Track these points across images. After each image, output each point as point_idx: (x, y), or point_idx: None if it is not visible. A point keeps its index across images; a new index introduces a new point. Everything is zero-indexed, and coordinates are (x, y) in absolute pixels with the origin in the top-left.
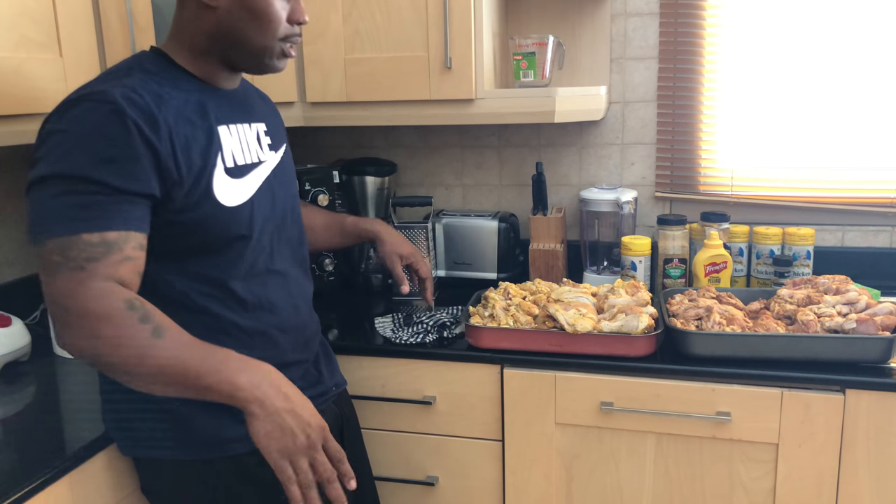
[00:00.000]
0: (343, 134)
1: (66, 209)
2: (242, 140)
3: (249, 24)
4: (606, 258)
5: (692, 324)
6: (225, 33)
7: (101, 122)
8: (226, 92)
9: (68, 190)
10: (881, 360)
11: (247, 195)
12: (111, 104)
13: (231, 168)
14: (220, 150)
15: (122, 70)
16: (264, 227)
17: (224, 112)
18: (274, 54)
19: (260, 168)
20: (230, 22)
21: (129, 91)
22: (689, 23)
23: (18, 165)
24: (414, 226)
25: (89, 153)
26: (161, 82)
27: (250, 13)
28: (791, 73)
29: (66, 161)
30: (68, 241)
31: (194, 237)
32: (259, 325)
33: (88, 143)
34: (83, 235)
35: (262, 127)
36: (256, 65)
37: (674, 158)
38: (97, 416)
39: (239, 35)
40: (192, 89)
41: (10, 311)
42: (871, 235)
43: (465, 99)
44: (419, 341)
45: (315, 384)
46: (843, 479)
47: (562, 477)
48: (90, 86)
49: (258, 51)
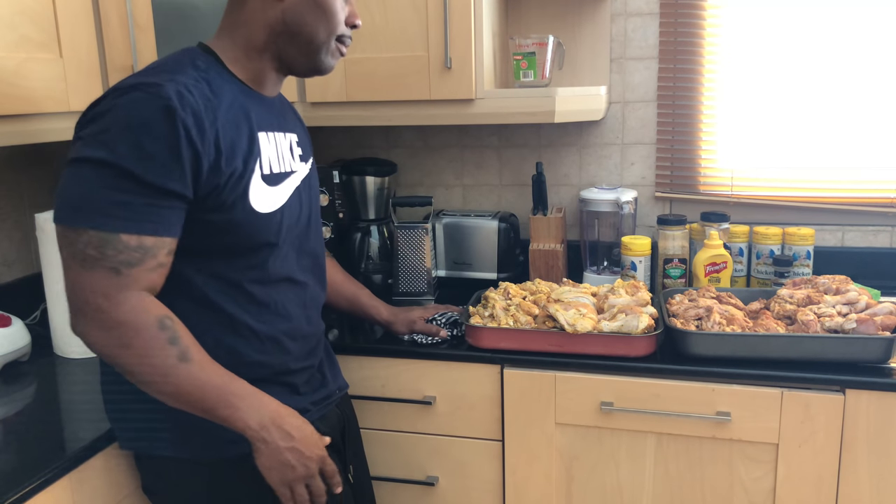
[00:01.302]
0: (343, 134)
1: (107, 203)
2: (279, 148)
3: (315, 18)
4: (606, 258)
5: (692, 324)
6: (290, 27)
7: (151, 117)
8: (267, 99)
9: (110, 182)
10: (881, 360)
11: (279, 203)
12: (164, 100)
13: (267, 175)
14: (259, 157)
15: (172, 64)
16: (288, 236)
17: (264, 118)
18: (330, 51)
19: (292, 177)
20: (297, 14)
21: (183, 89)
22: (689, 23)
23: (18, 165)
24: (414, 226)
25: (134, 145)
26: (210, 81)
27: (318, 7)
28: (791, 73)
29: (109, 148)
30: (107, 237)
31: (223, 239)
32: (271, 330)
33: (135, 135)
34: (122, 235)
35: (294, 137)
36: (311, 62)
37: (674, 158)
38: (97, 416)
39: (303, 28)
40: (237, 92)
41: (10, 311)
42: (871, 235)
43: (465, 99)
44: (434, 342)
45: (319, 388)
46: (843, 479)
47: (562, 477)
48: (143, 75)
49: (317, 46)
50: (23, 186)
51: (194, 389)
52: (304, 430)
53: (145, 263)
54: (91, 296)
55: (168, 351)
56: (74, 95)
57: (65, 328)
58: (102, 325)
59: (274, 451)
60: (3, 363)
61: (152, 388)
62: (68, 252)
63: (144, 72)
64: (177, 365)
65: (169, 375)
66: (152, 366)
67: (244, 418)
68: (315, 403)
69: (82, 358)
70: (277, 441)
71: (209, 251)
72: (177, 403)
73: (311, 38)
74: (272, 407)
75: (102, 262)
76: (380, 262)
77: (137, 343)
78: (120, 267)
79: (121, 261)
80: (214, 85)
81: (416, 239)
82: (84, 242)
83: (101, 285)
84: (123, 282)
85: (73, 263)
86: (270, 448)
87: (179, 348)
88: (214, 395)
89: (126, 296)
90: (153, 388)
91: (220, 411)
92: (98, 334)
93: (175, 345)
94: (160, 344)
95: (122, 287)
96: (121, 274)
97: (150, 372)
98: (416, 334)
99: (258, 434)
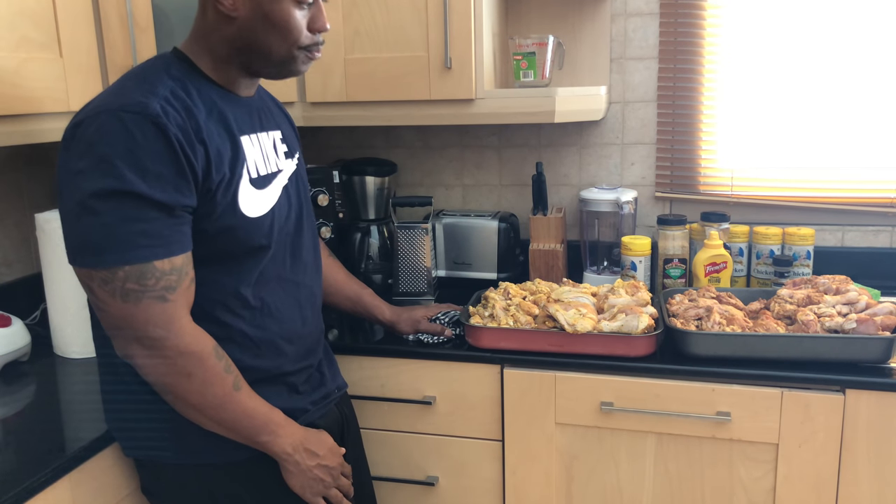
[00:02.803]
0: (343, 134)
1: (133, 235)
2: (263, 149)
3: (269, 35)
4: (606, 258)
5: (692, 324)
6: (246, 43)
7: (147, 138)
8: (245, 100)
9: (129, 213)
10: (881, 360)
11: (268, 205)
12: (153, 117)
13: (255, 179)
14: (244, 161)
15: (149, 75)
16: (280, 236)
17: (244, 121)
18: (296, 61)
19: (279, 177)
20: (250, 32)
21: (165, 103)
22: (689, 23)
23: (18, 165)
24: (414, 226)
25: (140, 169)
26: (188, 90)
27: (270, 24)
28: (791, 73)
29: (116, 177)
30: (143, 269)
31: (214, 246)
32: (266, 334)
33: (137, 158)
34: (156, 263)
35: (277, 135)
36: (278, 73)
37: (674, 158)
38: (97, 416)
39: (260, 45)
40: (214, 98)
41: (10, 311)
42: (871, 235)
43: (465, 99)
44: (440, 341)
45: (319, 387)
46: (843, 479)
47: (562, 477)
48: (124, 94)
49: (278, 59)
50: (23, 186)
51: (244, 418)
52: (326, 444)
53: (182, 283)
54: (148, 327)
55: (225, 380)
56: (74, 95)
57: (65, 328)
58: (164, 354)
59: (304, 470)
60: (3, 363)
61: (206, 416)
62: (104, 291)
63: (121, 87)
64: (232, 394)
65: (226, 404)
66: (213, 395)
67: (281, 444)
68: (315, 403)
69: (82, 358)
70: (307, 461)
71: (201, 259)
72: (222, 430)
73: (268, 52)
74: (300, 433)
75: (146, 293)
76: (380, 262)
77: (199, 372)
78: (165, 294)
79: (163, 287)
80: (192, 93)
81: (416, 239)
82: (121, 279)
83: (153, 316)
84: (172, 308)
85: (114, 300)
86: (301, 469)
87: (234, 377)
88: (260, 422)
89: (183, 324)
90: (207, 416)
91: (262, 437)
92: (157, 363)
93: (230, 373)
94: (219, 373)
95: (175, 314)
96: (167, 301)
97: (209, 402)
98: (422, 334)
99: (292, 458)
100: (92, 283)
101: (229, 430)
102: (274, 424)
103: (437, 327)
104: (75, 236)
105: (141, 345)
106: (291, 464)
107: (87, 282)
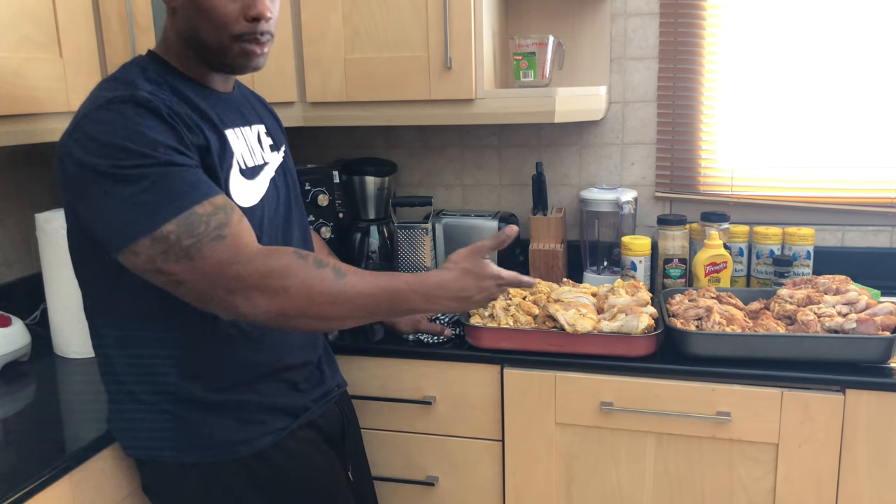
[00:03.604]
0: (343, 134)
1: (161, 196)
2: (248, 143)
3: (201, 23)
4: (606, 258)
5: (692, 324)
6: (187, 34)
7: (143, 116)
8: (224, 95)
9: (149, 180)
10: (881, 360)
11: (258, 196)
12: (144, 102)
13: (244, 170)
14: (232, 153)
15: (124, 76)
16: (269, 229)
17: (227, 116)
18: (232, 53)
19: (266, 169)
20: (186, 22)
21: (152, 95)
22: (689, 23)
23: (18, 165)
24: (414, 226)
25: (146, 141)
26: (166, 90)
27: (198, 11)
28: (791, 73)
29: (127, 154)
30: (187, 220)
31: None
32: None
33: (140, 134)
34: (195, 209)
35: (261, 128)
36: (222, 64)
37: (674, 158)
38: (97, 416)
39: (195, 34)
40: (192, 95)
41: (10, 311)
42: (871, 235)
43: (465, 99)
44: (440, 340)
45: (319, 384)
46: (843, 479)
47: (562, 477)
48: (105, 93)
49: (215, 49)
50: (23, 186)
51: (366, 299)
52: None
53: (232, 218)
54: (226, 270)
55: (323, 274)
56: (74, 95)
57: (65, 328)
58: (251, 285)
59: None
60: (3, 363)
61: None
62: (170, 262)
63: (101, 89)
64: (338, 282)
65: (339, 297)
66: (321, 295)
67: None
68: (315, 400)
69: (82, 358)
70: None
71: None
72: (355, 321)
73: (204, 42)
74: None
75: (204, 239)
76: (380, 262)
77: (294, 283)
78: (221, 232)
79: (215, 227)
80: (168, 92)
81: (416, 239)
82: (175, 240)
83: (225, 255)
84: (232, 242)
85: (182, 264)
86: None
87: (330, 267)
88: (386, 297)
89: (248, 251)
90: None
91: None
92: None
93: (324, 266)
94: (311, 273)
95: (239, 244)
96: (225, 238)
97: (322, 300)
98: (422, 334)
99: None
100: (156, 262)
101: (361, 317)
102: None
103: (437, 327)
104: (112, 223)
105: (231, 293)
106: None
107: (152, 265)
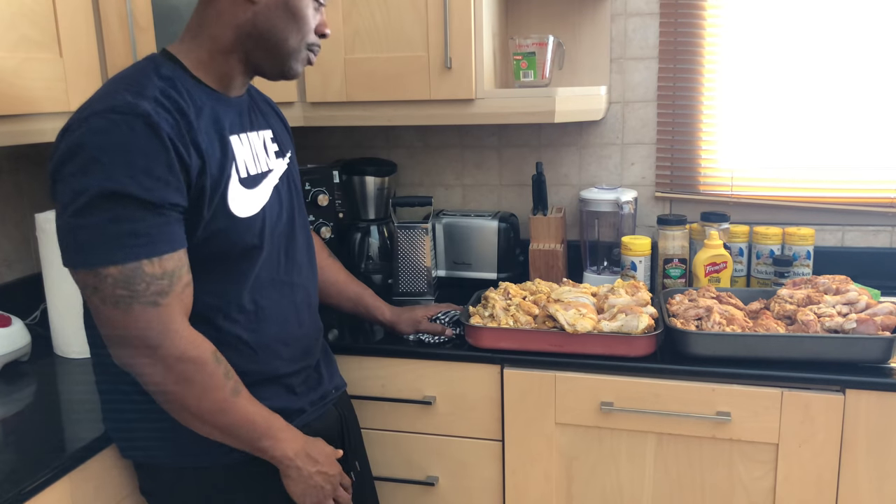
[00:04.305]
0: (343, 134)
1: (118, 235)
2: (252, 149)
3: (287, 25)
4: (606, 258)
5: (692, 324)
6: (260, 30)
7: (137, 136)
8: (234, 100)
9: (118, 212)
10: (881, 360)
11: (259, 205)
12: (143, 116)
13: (244, 178)
14: (234, 161)
15: (138, 76)
16: (272, 237)
17: (234, 121)
18: (300, 59)
19: (269, 177)
20: (267, 19)
21: (157, 105)
22: (689, 23)
23: (18, 165)
24: (414, 226)
25: (130, 167)
26: (178, 90)
27: (290, 13)
28: (791, 73)
29: (106, 176)
30: (130, 272)
31: (207, 248)
32: (262, 338)
33: (127, 157)
34: (144, 267)
35: (268, 134)
36: (280, 68)
37: (674, 158)
38: (97, 416)
39: (273, 33)
40: (204, 98)
41: (10, 311)
42: (871, 235)
43: (465, 99)
44: (441, 340)
45: (316, 387)
46: (843, 479)
47: (562, 477)
48: (112, 95)
49: (287, 52)
50: (23, 186)
51: (245, 423)
52: (325, 451)
53: (175, 288)
54: (143, 332)
55: (225, 384)
56: (74, 95)
57: (65, 328)
58: (163, 361)
59: (305, 477)
60: (3, 363)
61: (206, 423)
62: (97, 297)
63: (111, 90)
64: (231, 399)
65: (227, 410)
66: (213, 401)
67: (283, 449)
68: (312, 403)
69: (82, 358)
70: (308, 467)
71: (194, 263)
72: (222, 436)
73: (280, 43)
74: (301, 439)
75: (137, 298)
76: (380, 262)
77: (199, 378)
78: (157, 299)
79: (154, 292)
80: (182, 92)
81: (416, 239)
82: (110, 285)
83: (147, 322)
84: (166, 313)
85: (105, 307)
86: (302, 474)
87: (233, 382)
88: (262, 427)
89: (179, 329)
90: (207, 422)
91: (263, 442)
92: (156, 370)
93: (230, 378)
94: (219, 378)
95: (170, 319)
96: (160, 305)
97: (209, 408)
98: (422, 334)
99: (293, 463)
100: (86, 290)
101: (230, 436)
102: (275, 429)
103: (438, 327)
104: (64, 237)
105: (138, 353)
106: (293, 469)
107: (82, 289)
